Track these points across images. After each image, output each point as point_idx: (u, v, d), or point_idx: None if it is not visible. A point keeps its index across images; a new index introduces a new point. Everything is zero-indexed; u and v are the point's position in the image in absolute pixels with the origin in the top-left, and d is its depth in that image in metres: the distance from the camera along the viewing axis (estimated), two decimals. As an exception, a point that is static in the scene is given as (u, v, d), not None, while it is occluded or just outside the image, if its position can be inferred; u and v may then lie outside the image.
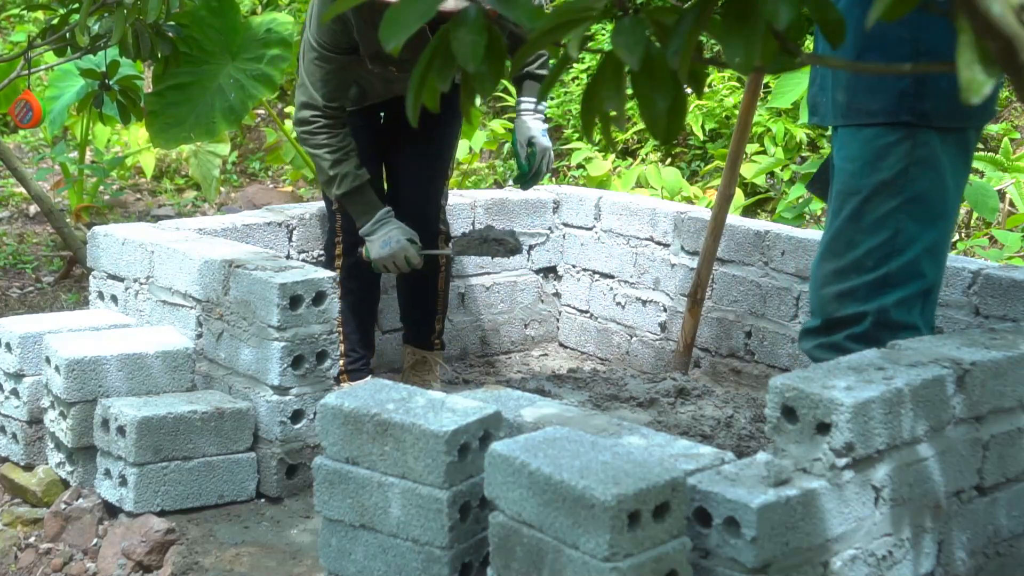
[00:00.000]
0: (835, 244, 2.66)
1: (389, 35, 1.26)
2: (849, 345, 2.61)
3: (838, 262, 2.65)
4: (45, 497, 3.23)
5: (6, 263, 5.69)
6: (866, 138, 2.62)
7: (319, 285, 3.11)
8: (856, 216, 2.63)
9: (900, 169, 2.60)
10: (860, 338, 2.62)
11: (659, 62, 1.22)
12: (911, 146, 2.59)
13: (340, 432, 2.33)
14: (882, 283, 2.61)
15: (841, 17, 1.25)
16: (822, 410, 2.13)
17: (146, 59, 4.60)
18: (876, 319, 2.62)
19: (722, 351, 4.06)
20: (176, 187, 7.36)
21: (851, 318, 2.63)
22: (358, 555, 2.34)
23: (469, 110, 1.41)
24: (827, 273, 2.67)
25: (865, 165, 2.61)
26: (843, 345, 2.64)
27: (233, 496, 3.09)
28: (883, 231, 2.60)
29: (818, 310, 2.69)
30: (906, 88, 2.58)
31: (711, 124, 6.34)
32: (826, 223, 2.74)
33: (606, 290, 4.42)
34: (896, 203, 2.60)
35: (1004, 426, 2.49)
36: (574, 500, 1.93)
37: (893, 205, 2.60)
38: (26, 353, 3.27)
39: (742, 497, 2.01)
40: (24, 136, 8.04)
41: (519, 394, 2.56)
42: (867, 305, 2.62)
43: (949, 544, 2.38)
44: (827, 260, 2.67)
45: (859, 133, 2.63)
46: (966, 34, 0.99)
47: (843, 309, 2.64)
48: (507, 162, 6.98)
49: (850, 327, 2.63)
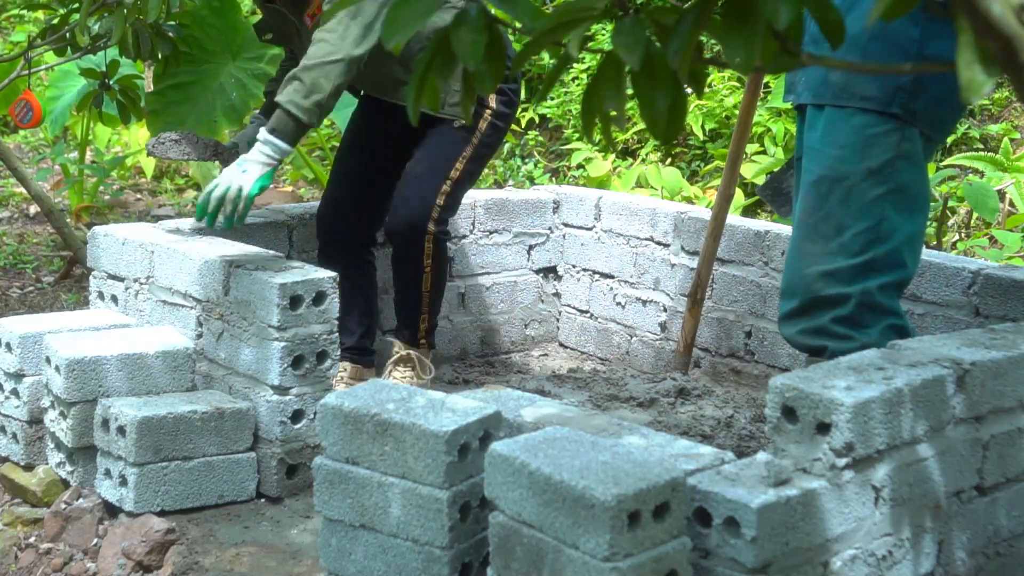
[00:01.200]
0: (823, 226, 2.69)
1: (390, 33, 1.26)
2: (835, 328, 2.66)
3: (825, 244, 2.68)
4: (45, 497, 3.23)
5: (6, 263, 5.70)
6: (857, 125, 2.67)
7: (319, 285, 3.11)
8: (844, 200, 2.67)
9: (888, 159, 2.66)
10: (845, 320, 2.66)
11: (659, 62, 1.22)
12: (899, 139, 2.66)
13: (340, 432, 2.33)
14: (866, 267, 2.66)
15: (841, 17, 1.25)
16: (822, 410, 2.13)
17: (146, 59, 4.61)
18: (860, 300, 2.66)
19: (722, 351, 4.06)
20: (176, 187, 7.36)
21: (835, 298, 2.67)
22: (358, 555, 2.34)
23: (469, 110, 1.41)
24: (813, 253, 2.70)
25: (855, 152, 2.66)
26: (829, 328, 2.67)
27: (233, 496, 3.09)
28: (868, 217, 2.66)
29: (800, 290, 2.71)
30: (904, 84, 2.64)
31: (711, 124, 6.34)
32: (800, 205, 2.76)
33: (606, 290, 4.42)
34: (882, 191, 2.66)
35: (1004, 426, 2.49)
36: (574, 500, 1.93)
37: (879, 193, 2.66)
38: (26, 353, 3.27)
39: (742, 497, 2.01)
40: (24, 136, 8.05)
41: (519, 394, 2.56)
42: (851, 287, 2.66)
43: (949, 544, 2.39)
44: (813, 241, 2.71)
45: (851, 119, 2.68)
46: (966, 34, 0.99)
47: (828, 288, 2.67)
48: (507, 162, 6.98)
49: (834, 308, 2.67)
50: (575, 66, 6.99)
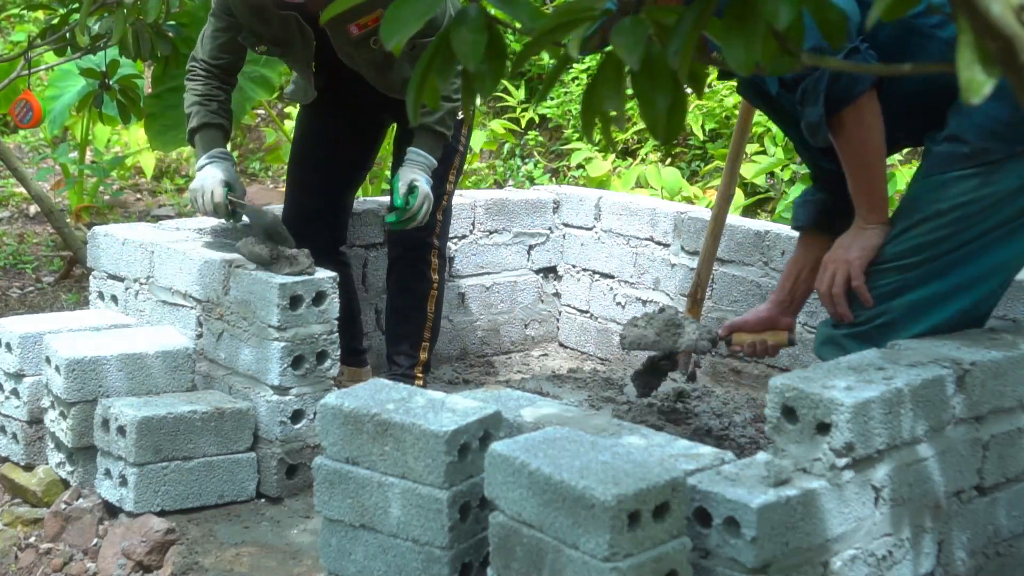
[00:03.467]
0: None
1: (390, 33, 1.26)
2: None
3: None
4: (45, 497, 3.23)
5: (6, 263, 5.69)
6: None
7: (319, 285, 3.11)
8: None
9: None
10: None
11: (659, 62, 1.22)
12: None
13: (340, 432, 2.33)
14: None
15: (841, 17, 1.25)
16: (822, 410, 2.13)
17: (146, 59, 4.60)
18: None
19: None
20: (176, 187, 7.36)
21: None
22: (358, 555, 2.34)
23: (470, 110, 1.41)
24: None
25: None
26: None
27: (233, 496, 3.09)
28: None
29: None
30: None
31: (711, 124, 6.34)
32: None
33: (606, 290, 4.42)
34: None
35: (1004, 426, 2.49)
36: (574, 500, 1.93)
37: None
38: (26, 353, 3.27)
39: (742, 497, 2.01)
40: (24, 136, 8.04)
41: (519, 394, 2.56)
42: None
43: (949, 544, 2.39)
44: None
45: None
46: (966, 34, 0.99)
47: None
48: (507, 162, 6.98)
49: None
50: (575, 66, 6.99)
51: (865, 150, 2.60)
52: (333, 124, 3.79)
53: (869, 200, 2.64)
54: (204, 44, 3.62)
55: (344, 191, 3.86)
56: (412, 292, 3.75)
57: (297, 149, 3.89)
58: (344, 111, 3.76)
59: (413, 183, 3.47)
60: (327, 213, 3.80)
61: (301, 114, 3.91)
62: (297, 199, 3.82)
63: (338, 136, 3.79)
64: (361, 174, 3.95)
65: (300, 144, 3.88)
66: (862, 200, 2.64)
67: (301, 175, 3.86)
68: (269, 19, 3.48)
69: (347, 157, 3.83)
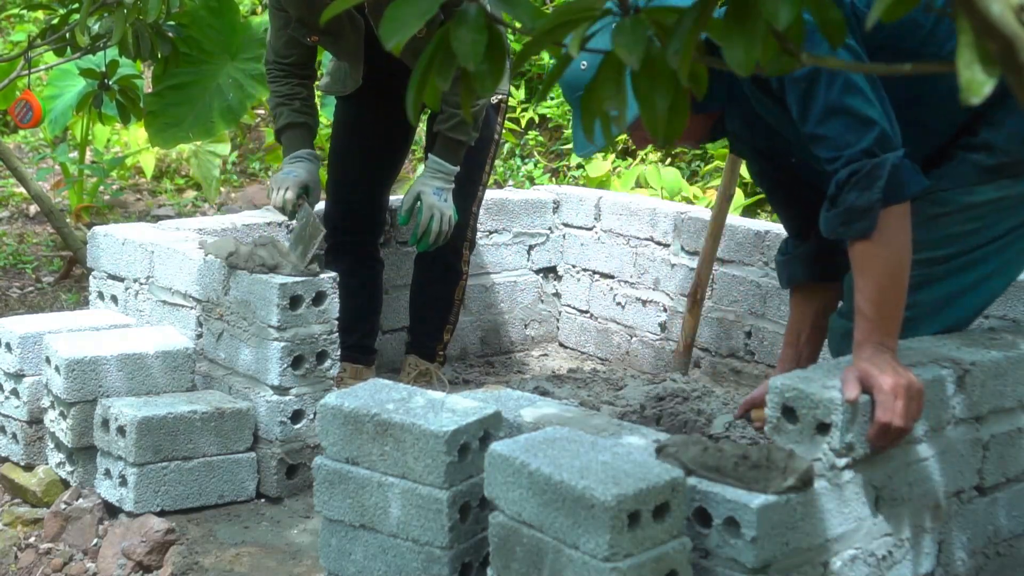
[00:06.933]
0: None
1: (389, 33, 1.25)
2: None
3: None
4: (45, 497, 3.23)
5: (6, 263, 5.69)
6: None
7: (319, 285, 3.11)
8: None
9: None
10: None
11: (659, 62, 1.22)
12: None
13: (340, 432, 2.33)
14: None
15: (841, 17, 1.25)
16: (822, 410, 2.13)
17: (146, 59, 4.61)
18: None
19: (722, 351, 4.06)
20: (176, 187, 7.35)
21: None
22: (358, 555, 2.34)
23: (470, 110, 1.41)
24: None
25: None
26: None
27: (233, 496, 3.09)
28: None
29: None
30: None
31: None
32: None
33: (606, 290, 4.42)
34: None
35: (1004, 426, 2.49)
36: (574, 500, 1.93)
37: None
38: (26, 353, 3.27)
39: (742, 497, 2.01)
40: (24, 136, 8.04)
41: (519, 394, 2.56)
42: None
43: (949, 544, 2.39)
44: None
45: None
46: (966, 34, 0.99)
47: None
48: (507, 162, 6.98)
49: None
50: (575, 66, 6.97)
51: (902, 259, 2.29)
52: (373, 115, 3.82)
53: (895, 320, 2.27)
54: (271, 44, 3.67)
55: (384, 184, 3.90)
56: (441, 282, 3.88)
57: (336, 145, 3.91)
58: (384, 102, 3.75)
59: (419, 195, 3.53)
60: (370, 209, 3.85)
61: (339, 108, 3.93)
62: (342, 194, 3.85)
63: (379, 127, 3.82)
64: (397, 168, 3.97)
65: (340, 140, 3.90)
66: (886, 321, 2.25)
67: (343, 170, 3.88)
68: (319, 9, 3.51)
69: (388, 149, 3.88)
